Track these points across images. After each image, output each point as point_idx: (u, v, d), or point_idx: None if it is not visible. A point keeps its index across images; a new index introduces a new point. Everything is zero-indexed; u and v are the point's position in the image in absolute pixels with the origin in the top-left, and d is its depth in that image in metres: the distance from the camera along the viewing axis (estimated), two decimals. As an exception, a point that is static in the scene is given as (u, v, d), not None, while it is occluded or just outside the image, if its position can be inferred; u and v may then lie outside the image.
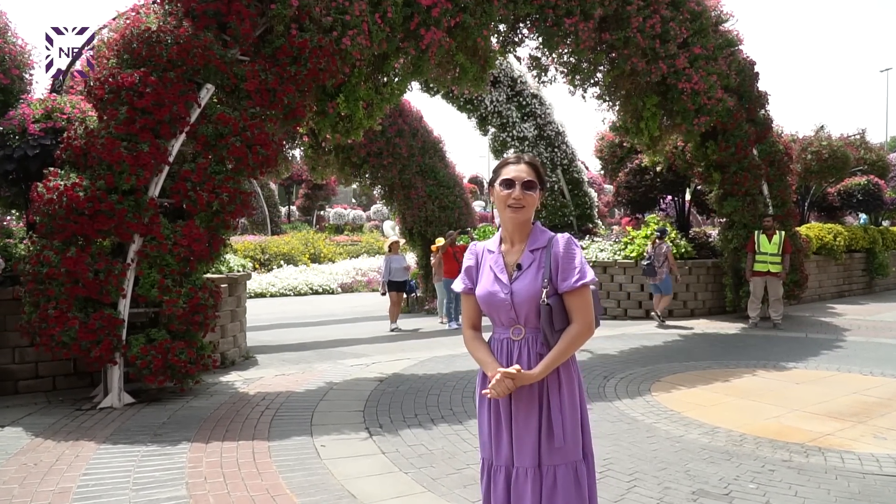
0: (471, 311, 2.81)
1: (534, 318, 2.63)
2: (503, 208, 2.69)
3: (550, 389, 2.65)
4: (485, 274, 2.74)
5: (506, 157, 2.78)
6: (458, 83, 8.76)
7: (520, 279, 2.65)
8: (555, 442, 2.60)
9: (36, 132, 6.42)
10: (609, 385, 7.06)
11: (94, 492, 4.33)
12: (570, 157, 14.65)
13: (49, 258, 6.01)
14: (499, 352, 2.70)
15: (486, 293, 2.69)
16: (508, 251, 2.74)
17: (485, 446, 2.77)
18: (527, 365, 2.62)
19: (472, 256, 2.84)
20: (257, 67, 6.72)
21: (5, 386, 6.74)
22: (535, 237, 2.72)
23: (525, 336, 2.66)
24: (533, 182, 2.66)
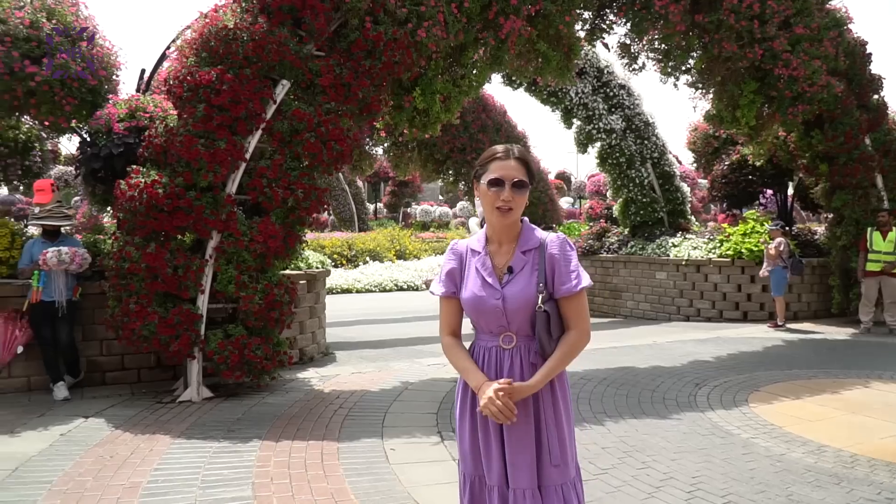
0: (451, 316, 2.59)
1: (527, 325, 2.43)
2: (490, 209, 2.46)
3: (544, 403, 2.45)
4: (471, 277, 2.50)
5: (493, 149, 2.50)
6: (540, 73, 8.44)
7: (512, 283, 2.44)
8: (552, 460, 2.41)
9: (120, 131, 6.55)
10: (701, 394, 6.59)
11: (162, 488, 4.31)
12: (661, 150, 14.00)
13: (130, 254, 6.12)
14: (485, 361, 2.48)
15: (474, 297, 2.47)
16: (496, 252, 2.52)
17: (465, 460, 2.55)
18: (519, 376, 2.42)
19: (454, 257, 2.60)
20: (332, 62, 6.65)
21: (94, 377, 6.94)
22: (525, 237, 2.50)
23: (516, 345, 2.45)
24: (523, 182, 2.43)
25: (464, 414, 2.54)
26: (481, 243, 2.55)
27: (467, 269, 2.53)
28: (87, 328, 6.93)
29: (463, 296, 2.51)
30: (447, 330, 2.59)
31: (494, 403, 2.32)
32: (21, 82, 6.36)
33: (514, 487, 2.40)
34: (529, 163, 2.49)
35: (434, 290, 2.60)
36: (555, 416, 2.44)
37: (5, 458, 4.75)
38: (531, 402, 2.42)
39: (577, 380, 7.13)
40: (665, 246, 12.80)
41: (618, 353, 8.65)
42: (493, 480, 2.45)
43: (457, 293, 2.54)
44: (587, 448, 5.06)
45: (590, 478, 4.48)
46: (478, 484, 2.52)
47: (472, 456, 2.52)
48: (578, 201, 35.76)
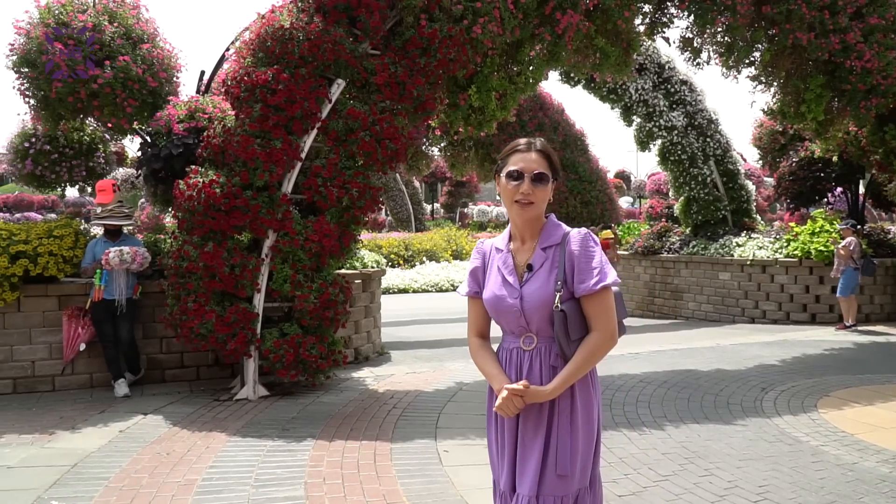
0: (477, 317, 2.50)
1: (547, 325, 2.32)
2: (510, 203, 2.36)
3: (560, 410, 2.33)
4: (492, 275, 2.43)
5: (515, 142, 2.41)
6: (598, 70, 8.24)
7: (531, 281, 2.34)
8: (557, 469, 2.28)
9: (180, 132, 6.66)
10: (767, 399, 6.31)
11: (216, 486, 4.33)
12: (724, 147, 13.56)
13: (188, 253, 6.20)
14: (508, 363, 2.40)
15: (494, 297, 2.38)
16: (518, 249, 2.43)
17: (494, 467, 2.50)
18: (539, 379, 2.32)
19: (478, 256, 2.52)
20: (387, 60, 6.61)
21: (154, 374, 7.07)
22: (547, 233, 2.40)
23: (537, 346, 2.35)
24: (544, 174, 2.32)
25: (490, 419, 2.49)
26: (505, 241, 2.47)
27: (490, 267, 2.45)
28: (148, 326, 7.06)
29: (484, 296, 2.43)
30: (474, 331, 2.51)
31: (507, 403, 2.27)
32: (84, 84, 6.52)
33: (519, 493, 2.32)
34: (552, 156, 2.38)
35: (460, 291, 2.54)
36: (570, 424, 2.31)
37: (66, 455, 4.86)
38: (546, 405, 2.33)
39: (637, 383, 6.92)
40: (729, 245, 12.38)
41: (679, 356, 8.37)
42: (503, 485, 2.40)
43: (480, 293, 2.46)
44: (646, 453, 4.88)
45: (649, 484, 4.31)
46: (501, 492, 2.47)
47: (498, 463, 2.47)
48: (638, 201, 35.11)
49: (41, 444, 5.12)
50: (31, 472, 4.56)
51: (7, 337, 6.66)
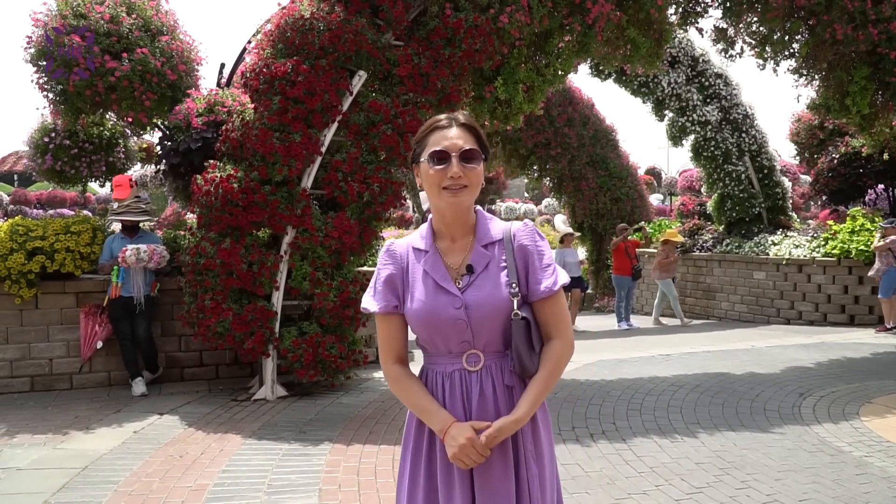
0: (395, 339, 2.03)
1: (497, 339, 1.94)
2: (437, 192, 1.94)
3: (524, 435, 1.96)
4: (417, 283, 1.97)
5: (432, 119, 2.01)
6: (629, 61, 7.94)
7: (474, 287, 1.94)
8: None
9: (199, 126, 6.52)
10: (806, 405, 5.98)
11: (228, 492, 4.17)
12: (760, 143, 13.15)
13: (206, 249, 6.06)
14: (446, 391, 1.96)
15: (427, 309, 1.93)
16: (448, 249, 2.00)
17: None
18: (493, 404, 1.93)
19: (390, 261, 2.03)
20: (410, 51, 6.41)
21: (172, 373, 6.96)
22: (483, 228, 2.01)
23: (485, 364, 1.94)
24: (474, 151, 1.93)
25: (417, 463, 2.00)
26: (427, 240, 2.02)
27: (411, 274, 2.00)
28: (166, 324, 6.95)
29: (410, 308, 1.97)
30: (392, 356, 2.03)
31: (469, 452, 1.85)
32: (102, 78, 6.41)
33: None
34: (479, 131, 1.99)
35: (367, 307, 2.03)
36: (535, 452, 1.98)
37: (77, 456, 4.74)
38: (508, 438, 1.93)
39: (668, 386, 6.64)
40: (764, 244, 11.98)
41: (712, 358, 8.06)
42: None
43: (399, 307, 2.00)
44: (679, 463, 4.61)
45: (682, 497, 4.06)
46: None
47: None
48: (669, 198, 34.51)
49: (53, 445, 5.01)
50: (40, 474, 4.45)
51: (25, 334, 6.59)
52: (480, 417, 1.92)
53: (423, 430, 2.00)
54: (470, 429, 1.88)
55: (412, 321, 1.98)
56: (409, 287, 1.99)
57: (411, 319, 1.98)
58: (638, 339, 9.93)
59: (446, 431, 1.89)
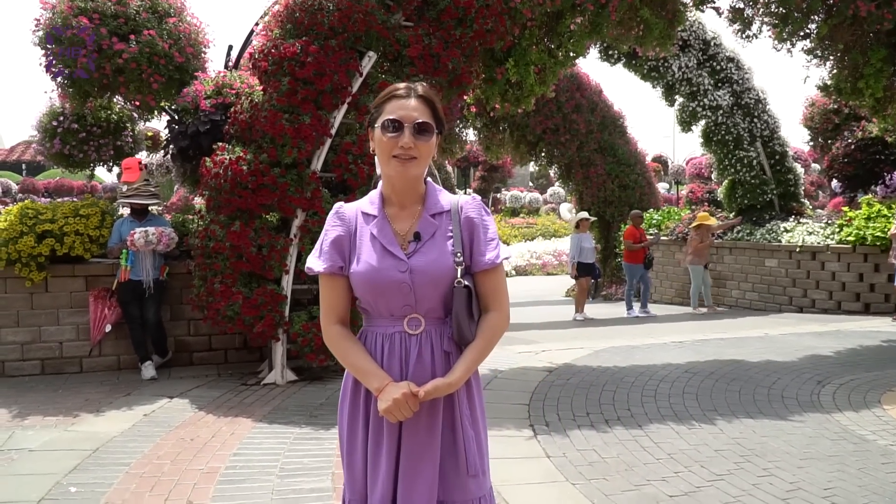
0: (338, 299, 2.05)
1: (439, 305, 2.00)
2: (387, 159, 1.99)
3: (460, 401, 2.02)
4: (365, 246, 2.01)
5: (392, 86, 2.05)
6: (641, 43, 7.82)
7: (420, 253, 2.00)
8: (469, 469, 1.99)
9: (207, 108, 6.44)
10: (825, 393, 5.89)
11: (240, 475, 4.11)
12: (772, 128, 12.99)
13: (215, 232, 6.00)
14: (385, 352, 2.00)
15: (372, 271, 1.97)
16: (396, 216, 2.05)
17: (355, 484, 2.06)
18: (430, 367, 1.98)
19: (339, 223, 2.06)
20: (420, 32, 6.31)
21: (181, 357, 6.91)
22: (433, 198, 2.08)
23: (425, 329, 2.00)
24: (428, 124, 1.99)
25: (355, 422, 2.05)
26: (376, 205, 2.06)
27: (359, 237, 2.04)
28: (175, 308, 6.90)
29: (355, 270, 2.00)
30: (333, 317, 2.05)
31: (402, 406, 1.90)
32: (109, 60, 6.33)
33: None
34: (436, 103, 2.04)
35: (312, 266, 2.05)
36: (471, 416, 2.03)
37: (88, 439, 4.69)
38: (440, 400, 1.99)
39: (682, 373, 6.56)
40: (776, 231, 11.85)
41: (725, 345, 7.97)
42: (376, 502, 1.99)
43: (345, 269, 2.03)
44: (698, 450, 4.54)
45: (703, 484, 3.98)
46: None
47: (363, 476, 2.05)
48: (675, 186, 34.33)
49: (64, 427, 4.97)
50: (52, 456, 4.40)
51: (35, 317, 6.55)
52: (416, 380, 1.96)
53: (360, 390, 2.04)
54: (406, 386, 1.92)
55: (357, 283, 2.01)
56: (355, 249, 2.03)
57: (356, 281, 2.01)
58: (649, 327, 9.84)
59: (383, 389, 1.94)
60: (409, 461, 1.98)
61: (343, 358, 2.03)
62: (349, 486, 2.09)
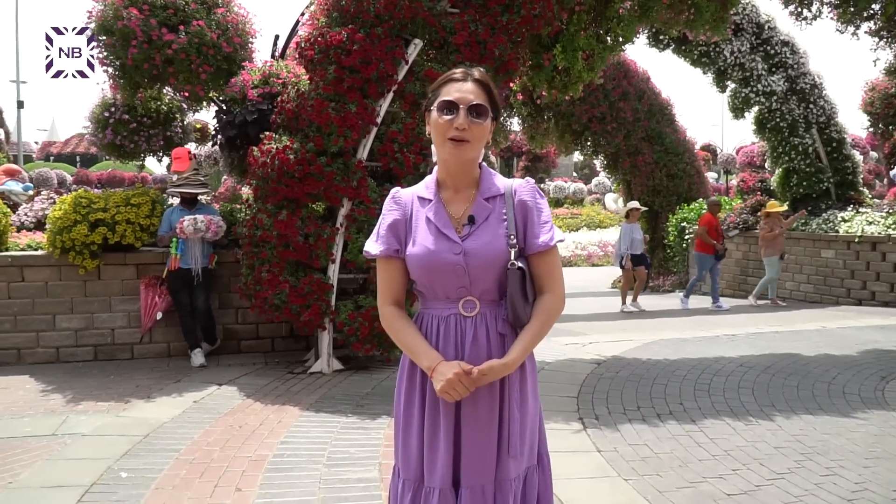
0: (394, 282, 2.10)
1: (493, 287, 2.02)
2: (442, 141, 2.00)
3: (510, 383, 2.03)
4: (420, 229, 2.04)
5: (449, 72, 2.08)
6: (692, 27, 7.57)
7: (474, 236, 2.01)
8: (510, 450, 2.02)
9: (254, 98, 6.46)
10: (890, 389, 5.65)
11: (287, 463, 4.11)
12: (829, 114, 12.53)
13: (262, 221, 6.01)
14: (440, 334, 2.02)
15: (427, 254, 2.00)
16: (451, 199, 2.08)
17: (410, 463, 2.06)
18: (486, 349, 2.00)
19: (396, 207, 2.10)
20: (467, 18, 6.21)
21: (230, 345, 6.98)
22: (487, 182, 2.09)
23: (480, 311, 2.02)
24: (482, 107, 1.99)
25: (411, 403, 2.08)
26: (431, 189, 2.09)
27: (415, 220, 2.07)
28: (224, 296, 6.96)
29: (411, 252, 2.03)
30: (389, 298, 2.11)
31: (456, 386, 1.92)
32: (159, 51, 6.39)
33: (469, 485, 2.00)
34: (492, 88, 2.05)
35: (369, 250, 2.11)
36: (520, 399, 2.05)
37: (139, 424, 4.75)
38: (497, 381, 2.01)
39: (737, 367, 6.37)
40: (833, 220, 11.45)
41: (780, 339, 7.73)
42: (436, 481, 2.01)
43: (401, 252, 2.06)
44: (755, 447, 4.38)
45: (763, 483, 3.84)
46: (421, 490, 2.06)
47: (419, 453, 2.06)
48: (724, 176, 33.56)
49: (116, 413, 5.04)
50: (103, 440, 4.47)
51: (88, 305, 6.68)
52: (472, 361, 1.97)
53: (416, 372, 2.07)
54: (458, 365, 1.94)
55: (413, 265, 2.04)
56: (411, 232, 2.06)
57: (412, 263, 2.04)
58: (699, 319, 9.61)
59: (434, 368, 1.96)
60: (472, 442, 2.00)
61: (396, 337, 2.08)
62: (404, 467, 2.09)
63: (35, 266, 6.59)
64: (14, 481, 3.84)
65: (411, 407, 2.08)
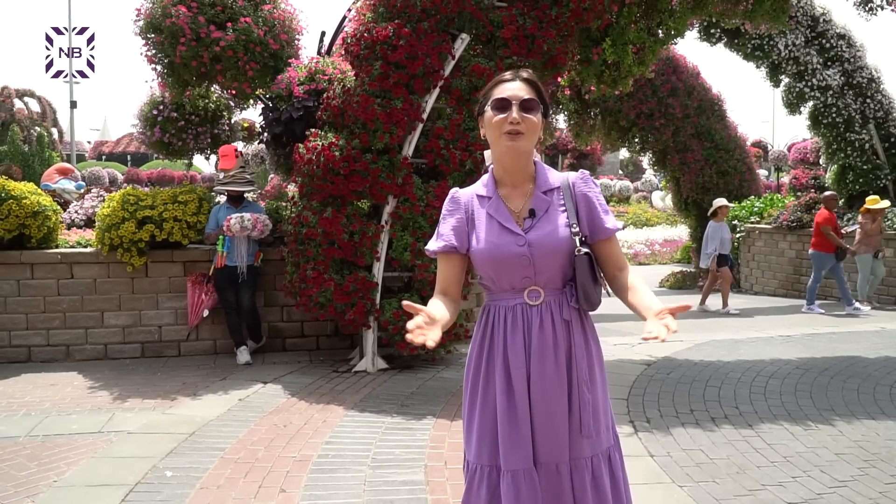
0: (450, 277, 2.22)
1: (557, 275, 2.12)
2: (497, 137, 2.11)
3: (579, 363, 2.11)
4: (483, 225, 2.15)
5: (499, 75, 2.21)
6: (750, 18, 7.32)
7: (536, 227, 2.12)
8: (583, 430, 2.09)
9: (300, 94, 6.44)
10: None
11: (332, 464, 4.07)
12: (887, 109, 12.06)
13: (307, 219, 6.00)
14: (508, 323, 2.12)
15: (493, 247, 2.11)
16: (510, 195, 2.18)
17: (483, 446, 2.13)
18: (551, 336, 2.09)
19: (455, 207, 2.22)
20: (515, 12, 6.10)
21: (275, 343, 6.99)
22: (543, 176, 2.20)
23: (545, 300, 2.12)
24: (534, 101, 2.10)
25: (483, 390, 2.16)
26: (489, 188, 2.20)
27: (476, 218, 2.18)
28: (269, 294, 6.97)
29: (476, 248, 2.14)
30: (439, 289, 2.23)
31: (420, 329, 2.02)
32: (207, 48, 6.42)
33: (545, 462, 2.08)
34: (540, 85, 2.16)
35: (430, 247, 2.23)
36: (589, 380, 2.13)
37: (185, 422, 4.76)
38: (564, 360, 2.11)
39: (793, 369, 6.13)
40: (892, 219, 11.00)
41: (837, 340, 7.44)
42: (517, 463, 2.07)
43: (459, 248, 2.18)
44: (816, 453, 4.19)
45: (824, 491, 3.66)
46: (496, 475, 2.12)
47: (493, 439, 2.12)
48: (776, 173, 32.71)
49: (162, 410, 5.07)
50: (149, 438, 4.48)
51: (136, 302, 6.76)
52: (539, 348, 2.09)
53: (482, 358, 2.17)
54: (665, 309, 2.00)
55: (479, 260, 2.15)
56: (473, 230, 2.17)
57: (478, 259, 2.15)
58: (752, 320, 9.33)
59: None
60: (543, 422, 2.09)
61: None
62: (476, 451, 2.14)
63: (84, 263, 6.69)
64: (59, 480, 3.86)
65: (484, 394, 2.15)
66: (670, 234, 20.44)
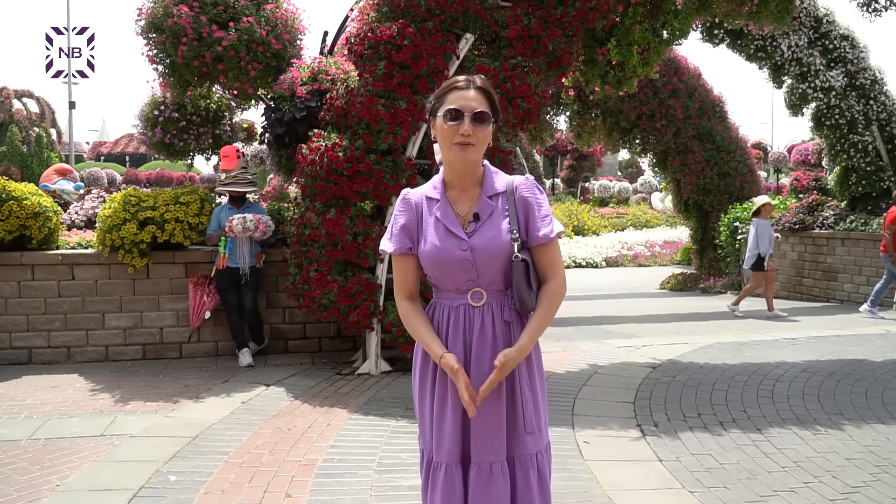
0: (408, 277, 2.28)
1: (499, 278, 2.19)
2: (448, 146, 2.17)
3: (519, 365, 2.19)
4: (430, 228, 2.22)
5: (452, 79, 2.23)
6: (755, 18, 7.27)
7: (479, 232, 2.19)
8: (527, 427, 2.18)
9: (303, 95, 6.39)
10: (969, 397, 5.34)
11: (337, 468, 4.02)
12: (890, 111, 12.02)
13: (310, 220, 5.94)
14: (450, 323, 2.20)
15: (437, 251, 2.17)
16: (457, 198, 2.24)
17: (426, 437, 2.28)
18: (491, 336, 2.18)
19: (406, 208, 2.27)
20: (520, 12, 6.06)
21: (277, 345, 6.94)
22: (489, 181, 2.26)
23: (487, 301, 2.20)
24: (485, 114, 2.15)
25: (424, 383, 2.28)
26: (438, 190, 2.26)
27: (424, 220, 2.24)
28: (271, 296, 6.92)
29: (422, 249, 2.22)
30: (404, 293, 2.29)
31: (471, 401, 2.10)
32: (209, 48, 6.37)
33: (480, 461, 2.17)
34: (493, 95, 2.21)
35: (384, 248, 2.29)
36: (528, 377, 2.22)
37: (188, 425, 4.71)
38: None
39: (799, 372, 6.09)
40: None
41: (843, 343, 7.39)
42: (443, 457, 2.20)
43: (413, 249, 2.24)
44: (826, 458, 4.15)
45: (836, 497, 3.61)
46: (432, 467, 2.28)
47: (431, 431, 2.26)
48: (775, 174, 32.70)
49: (165, 413, 5.02)
50: (152, 442, 4.43)
51: (137, 303, 6.70)
52: (479, 347, 2.18)
53: (429, 358, 2.23)
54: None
55: (425, 261, 2.22)
56: (422, 231, 2.23)
57: (424, 260, 2.22)
58: (756, 323, 9.28)
59: (441, 357, 2.14)
60: (480, 421, 2.16)
61: (410, 328, 2.25)
62: (422, 439, 2.31)
63: (85, 264, 6.64)
64: (62, 484, 3.81)
65: (424, 387, 2.26)
66: (670, 236, 20.40)
